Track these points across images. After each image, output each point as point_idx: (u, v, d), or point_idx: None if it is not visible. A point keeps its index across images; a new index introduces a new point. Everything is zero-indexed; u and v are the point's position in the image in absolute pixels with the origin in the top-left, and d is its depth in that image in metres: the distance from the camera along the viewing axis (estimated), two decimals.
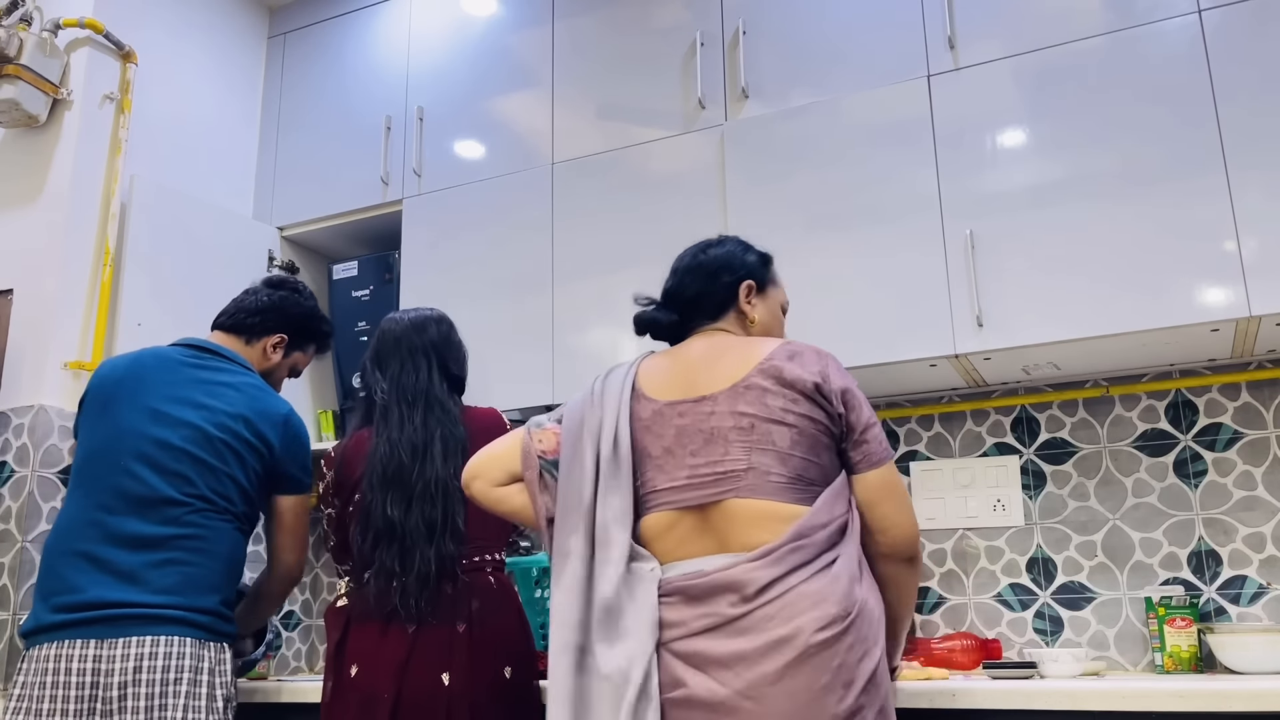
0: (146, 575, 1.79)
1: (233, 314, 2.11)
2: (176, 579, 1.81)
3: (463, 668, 1.76)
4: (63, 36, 2.63)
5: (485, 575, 1.86)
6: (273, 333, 2.12)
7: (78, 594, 1.77)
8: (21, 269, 2.52)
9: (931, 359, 2.12)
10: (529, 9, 2.78)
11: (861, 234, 2.22)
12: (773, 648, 1.32)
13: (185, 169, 2.86)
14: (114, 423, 1.91)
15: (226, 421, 1.93)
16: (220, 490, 1.90)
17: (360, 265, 2.93)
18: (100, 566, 1.79)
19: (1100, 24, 2.10)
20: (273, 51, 3.21)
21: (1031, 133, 2.11)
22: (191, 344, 2.05)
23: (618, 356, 2.41)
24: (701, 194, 2.41)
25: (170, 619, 1.78)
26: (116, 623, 1.75)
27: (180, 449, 1.88)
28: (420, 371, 1.94)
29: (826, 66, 2.37)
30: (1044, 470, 2.31)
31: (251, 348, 2.10)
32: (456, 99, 2.82)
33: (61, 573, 1.80)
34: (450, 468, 1.84)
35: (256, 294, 2.13)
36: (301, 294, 2.19)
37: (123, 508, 1.83)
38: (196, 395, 1.95)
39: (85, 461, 1.90)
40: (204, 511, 1.88)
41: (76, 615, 1.76)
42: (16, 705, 1.76)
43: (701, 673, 1.35)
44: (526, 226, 2.61)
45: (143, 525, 1.82)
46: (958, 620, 2.31)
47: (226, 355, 2.04)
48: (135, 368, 1.98)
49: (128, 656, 1.74)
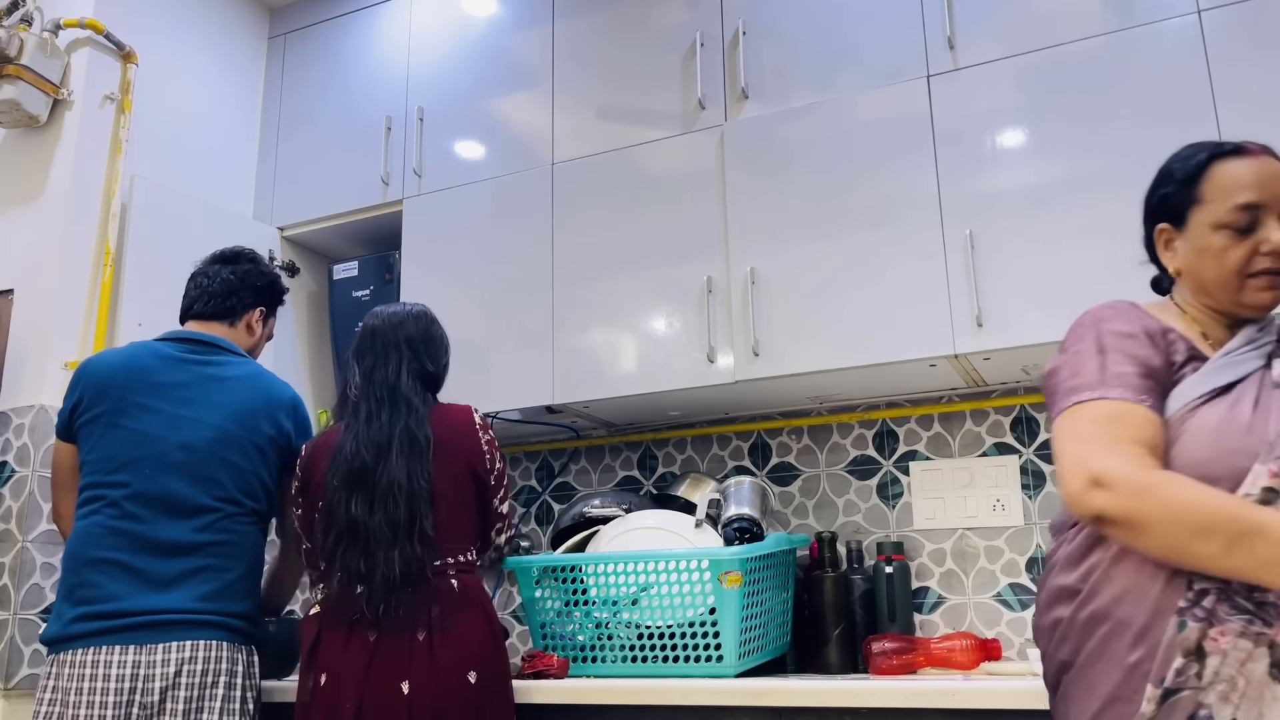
0: (184, 582, 1.82)
1: (206, 300, 2.09)
2: (212, 585, 1.85)
3: (423, 675, 1.74)
4: (63, 37, 2.63)
5: (448, 579, 1.82)
6: (251, 308, 2.12)
7: (116, 601, 1.79)
8: (21, 269, 2.52)
9: (931, 359, 2.12)
10: (529, 9, 2.78)
11: (861, 234, 2.22)
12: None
13: (185, 169, 2.86)
14: (130, 428, 1.91)
15: (247, 418, 1.95)
16: (248, 490, 1.93)
17: (360, 265, 2.93)
18: (137, 575, 1.81)
19: (1100, 24, 2.10)
20: (273, 52, 3.21)
21: (1031, 133, 2.11)
22: (183, 337, 2.04)
23: (618, 356, 2.41)
24: (701, 194, 2.41)
25: (208, 624, 1.82)
26: (157, 629, 1.78)
27: (207, 452, 1.90)
28: (389, 367, 1.91)
29: (826, 67, 2.37)
30: (1043, 470, 2.31)
31: (236, 329, 2.10)
32: (456, 99, 2.83)
33: (95, 580, 1.81)
34: (413, 467, 1.81)
35: (218, 275, 2.11)
36: (258, 261, 2.18)
37: (154, 516, 1.85)
38: (211, 394, 1.95)
39: (104, 469, 1.89)
40: (234, 516, 1.91)
41: (116, 622, 1.78)
42: (48, 710, 1.76)
43: None
44: (526, 226, 2.61)
45: (177, 532, 1.85)
46: (957, 620, 2.31)
47: (222, 346, 2.04)
48: (135, 369, 1.96)
49: (169, 661, 1.77)
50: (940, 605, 2.34)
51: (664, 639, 2.00)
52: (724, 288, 2.33)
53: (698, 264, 2.37)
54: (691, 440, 2.71)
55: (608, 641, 2.06)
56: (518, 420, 2.63)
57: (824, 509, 2.51)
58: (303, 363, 3.03)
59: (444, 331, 2.06)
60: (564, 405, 2.49)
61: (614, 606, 2.06)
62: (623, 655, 2.04)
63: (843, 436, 2.53)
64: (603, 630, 2.07)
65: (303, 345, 3.04)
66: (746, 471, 2.61)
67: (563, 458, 2.85)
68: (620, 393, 2.40)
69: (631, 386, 2.39)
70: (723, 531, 2.14)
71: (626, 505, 2.34)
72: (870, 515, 2.46)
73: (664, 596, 2.01)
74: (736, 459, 2.64)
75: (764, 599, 2.09)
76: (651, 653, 2.01)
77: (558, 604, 2.12)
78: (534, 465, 2.88)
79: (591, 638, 2.08)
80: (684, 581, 1.99)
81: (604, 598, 2.07)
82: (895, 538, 2.41)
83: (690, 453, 2.70)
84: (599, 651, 2.06)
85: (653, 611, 2.01)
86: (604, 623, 2.07)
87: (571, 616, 2.11)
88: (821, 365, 2.20)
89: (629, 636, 2.04)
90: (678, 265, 2.40)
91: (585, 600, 2.09)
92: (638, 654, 2.02)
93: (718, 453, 2.67)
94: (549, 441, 2.86)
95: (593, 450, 2.82)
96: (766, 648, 2.11)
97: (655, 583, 2.02)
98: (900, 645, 2.05)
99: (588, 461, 2.82)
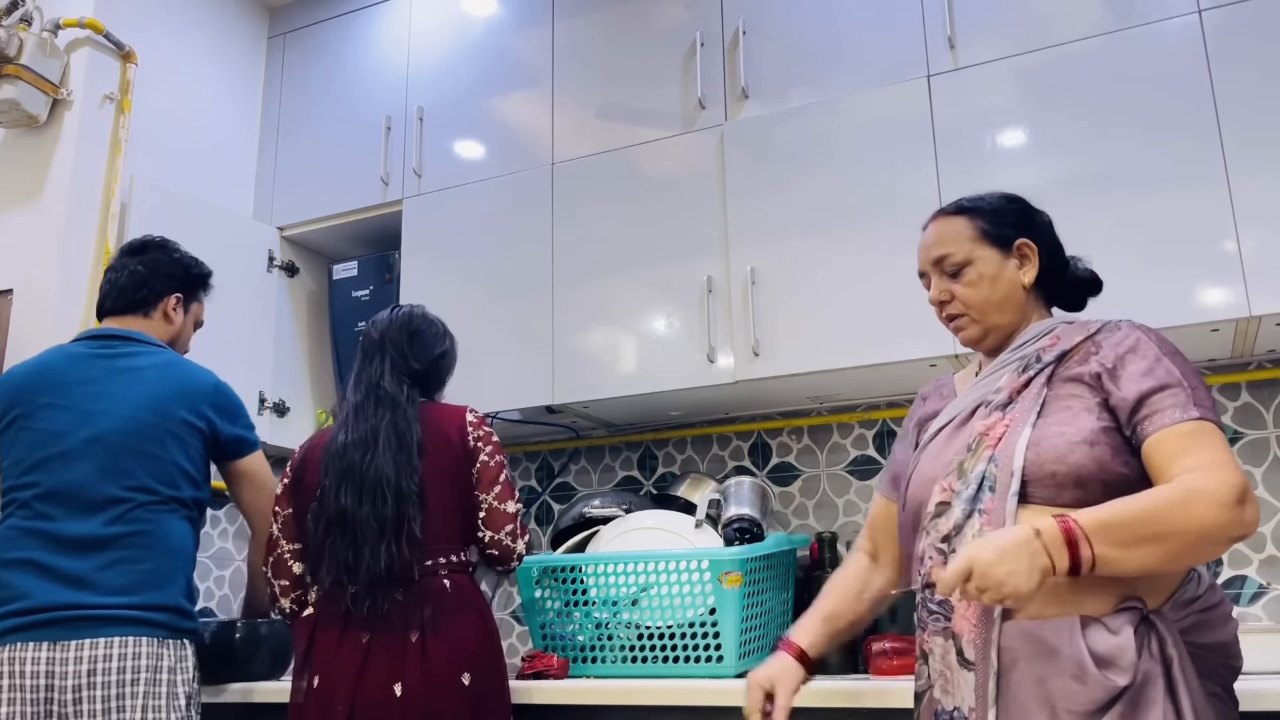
0: (96, 577, 1.77)
1: (116, 295, 2.05)
2: (129, 578, 1.79)
3: (416, 678, 1.73)
4: (63, 36, 2.63)
5: (440, 579, 1.81)
6: (165, 295, 2.07)
7: (26, 599, 1.75)
8: (21, 269, 2.52)
9: (931, 359, 2.12)
10: (529, 9, 2.78)
11: (861, 234, 2.22)
12: None
13: (185, 169, 2.86)
14: (39, 429, 1.87)
15: (157, 405, 1.90)
16: (164, 478, 1.88)
17: (360, 265, 2.93)
18: (47, 572, 1.77)
19: (1100, 24, 2.10)
20: (273, 51, 3.21)
21: (1031, 133, 2.11)
22: (95, 335, 2.01)
23: (618, 356, 2.41)
24: (701, 194, 2.41)
25: (125, 619, 1.76)
26: (68, 625, 1.74)
27: (116, 443, 1.85)
28: (375, 366, 1.93)
29: (826, 66, 2.37)
30: None
31: (152, 319, 2.05)
32: (456, 99, 2.82)
33: (8, 581, 1.78)
34: (400, 463, 1.81)
35: (125, 268, 2.06)
36: (168, 248, 2.13)
37: (63, 513, 1.81)
38: (120, 386, 1.91)
39: (16, 472, 1.87)
40: (148, 505, 1.85)
41: (27, 619, 1.74)
42: None
43: None
44: (526, 227, 2.61)
45: (87, 527, 1.80)
46: None
47: (134, 338, 2.00)
48: (43, 371, 1.94)
49: (80, 659, 1.72)
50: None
51: (664, 639, 2.00)
52: (724, 287, 2.33)
53: (698, 264, 2.37)
54: (691, 440, 2.71)
55: (608, 641, 2.06)
56: (518, 420, 2.63)
57: (824, 509, 2.51)
58: (303, 363, 3.03)
59: (438, 327, 2.03)
60: (564, 405, 2.49)
61: (614, 606, 2.06)
62: (623, 655, 2.04)
63: (843, 436, 2.53)
64: (603, 630, 2.07)
65: (303, 345, 3.04)
66: (746, 471, 2.61)
67: (563, 458, 2.85)
68: (620, 393, 2.40)
69: (631, 386, 2.38)
70: (723, 532, 2.14)
71: (626, 505, 2.34)
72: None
73: (664, 596, 2.01)
74: (736, 459, 2.64)
75: (764, 599, 2.09)
76: (651, 653, 2.01)
77: (558, 604, 2.12)
78: (534, 465, 2.88)
79: (591, 638, 2.08)
80: (684, 582, 1.99)
81: (604, 598, 2.07)
82: None
83: (690, 453, 2.70)
84: (599, 651, 2.06)
85: (653, 611, 2.01)
86: (604, 623, 2.07)
87: (571, 617, 2.11)
88: (821, 365, 2.20)
89: (629, 636, 2.04)
90: (677, 265, 2.40)
91: (585, 600, 2.09)
92: (638, 654, 2.02)
93: (718, 453, 2.67)
94: (549, 441, 2.86)
95: (593, 450, 2.82)
96: (766, 648, 2.11)
97: (655, 583, 2.02)
98: (900, 645, 2.04)
99: (588, 461, 2.82)
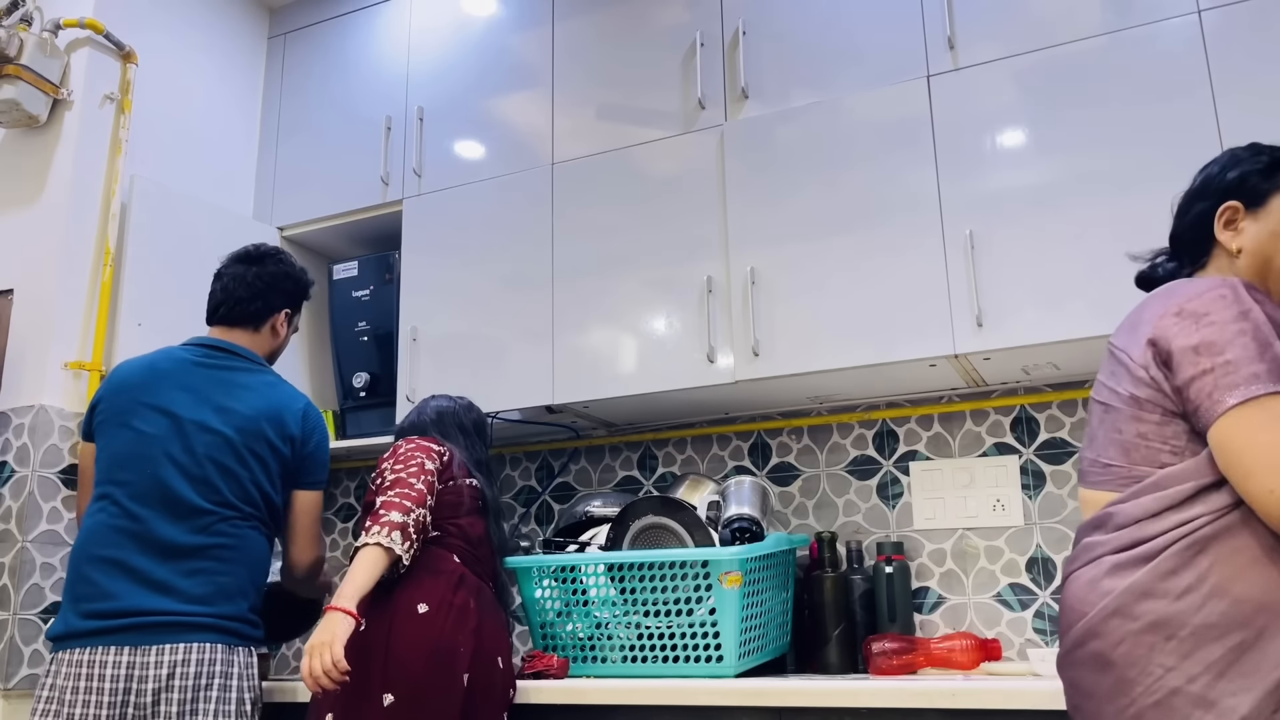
0: (179, 584, 1.83)
1: (231, 305, 2.09)
2: (208, 588, 1.85)
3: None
4: (63, 37, 2.63)
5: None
6: (277, 311, 2.12)
7: (111, 601, 1.80)
8: (21, 269, 2.52)
9: (931, 359, 2.12)
10: (529, 9, 2.78)
11: (861, 234, 2.22)
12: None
13: (185, 169, 2.87)
14: (138, 429, 1.93)
15: (247, 425, 1.96)
16: (245, 496, 1.94)
17: (360, 265, 2.93)
18: (133, 574, 1.82)
19: (1100, 24, 2.10)
20: (273, 52, 3.21)
21: (1031, 133, 2.11)
22: (203, 343, 2.06)
23: (618, 356, 2.41)
24: (701, 194, 2.41)
25: (202, 626, 1.82)
26: (151, 630, 1.79)
27: (205, 456, 1.91)
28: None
29: (826, 66, 2.37)
30: (1043, 470, 2.31)
31: (260, 334, 2.11)
32: (456, 99, 2.83)
33: (94, 579, 1.83)
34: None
35: (241, 279, 2.09)
36: (283, 260, 2.16)
37: (153, 516, 1.86)
38: (216, 398, 1.97)
39: (111, 468, 1.92)
40: (231, 519, 1.91)
41: (111, 622, 1.79)
42: (45, 708, 1.78)
43: None
44: (526, 226, 2.61)
45: (174, 533, 1.85)
46: (957, 620, 2.31)
47: (238, 352, 2.06)
48: (150, 372, 2.00)
49: (161, 664, 1.78)
50: (940, 605, 2.34)
51: (664, 639, 2.00)
52: (724, 288, 2.33)
53: (697, 264, 2.37)
54: (691, 440, 2.71)
55: (608, 641, 2.06)
56: (517, 420, 2.63)
57: (824, 509, 2.51)
58: (302, 363, 3.03)
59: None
60: (564, 405, 2.49)
61: (614, 606, 2.06)
62: (623, 655, 2.04)
63: (843, 436, 2.53)
64: (603, 630, 2.07)
65: (302, 345, 3.04)
66: (746, 471, 2.61)
67: (563, 458, 2.85)
68: (620, 393, 2.40)
69: (631, 386, 2.39)
70: (723, 532, 2.14)
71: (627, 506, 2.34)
72: (870, 515, 2.45)
73: (664, 596, 2.01)
74: (736, 459, 2.64)
75: (764, 599, 2.09)
76: (651, 653, 2.01)
77: (558, 604, 2.12)
78: (534, 465, 2.88)
79: (592, 637, 2.08)
80: (684, 581, 1.99)
81: (604, 598, 2.07)
82: (895, 538, 2.41)
83: (690, 453, 2.70)
84: (599, 651, 2.06)
85: (653, 611, 2.01)
86: (604, 623, 2.07)
87: (571, 616, 2.11)
88: (821, 365, 2.20)
89: (629, 636, 2.04)
90: (677, 265, 2.40)
91: (585, 600, 2.09)
92: (638, 654, 2.02)
93: (718, 453, 2.67)
94: (549, 441, 2.86)
95: (593, 450, 2.82)
96: (766, 648, 2.11)
97: (655, 583, 2.02)
98: (900, 645, 2.05)
99: (588, 461, 2.82)
